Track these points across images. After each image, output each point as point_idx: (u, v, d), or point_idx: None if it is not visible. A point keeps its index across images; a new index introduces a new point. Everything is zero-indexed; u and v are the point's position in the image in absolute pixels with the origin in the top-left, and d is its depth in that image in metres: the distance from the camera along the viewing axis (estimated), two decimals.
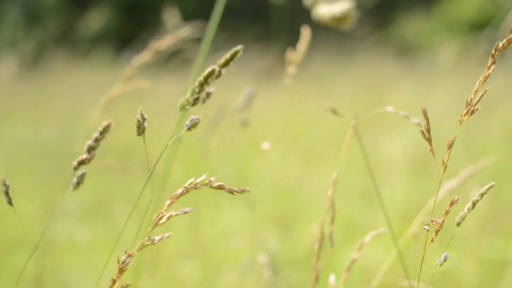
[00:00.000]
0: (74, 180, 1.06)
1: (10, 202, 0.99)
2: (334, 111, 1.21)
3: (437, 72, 5.18)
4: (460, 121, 0.96)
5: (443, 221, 0.96)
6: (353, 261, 1.17)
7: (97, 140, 1.03)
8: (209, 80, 0.95)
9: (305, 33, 1.43)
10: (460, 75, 4.69)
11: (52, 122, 5.06)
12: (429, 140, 0.97)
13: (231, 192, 0.95)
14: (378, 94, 5.18)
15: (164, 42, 1.57)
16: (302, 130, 4.52)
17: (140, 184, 3.21)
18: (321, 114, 4.77)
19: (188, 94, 0.95)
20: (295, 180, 3.27)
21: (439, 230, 0.97)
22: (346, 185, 3.07)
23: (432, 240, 0.97)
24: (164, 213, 0.94)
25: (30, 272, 2.53)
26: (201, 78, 0.95)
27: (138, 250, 0.93)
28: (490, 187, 0.97)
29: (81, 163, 1.03)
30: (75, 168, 1.04)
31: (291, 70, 1.48)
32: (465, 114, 0.95)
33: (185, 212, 0.93)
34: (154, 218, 0.94)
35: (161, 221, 0.94)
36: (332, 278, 1.16)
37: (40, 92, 6.05)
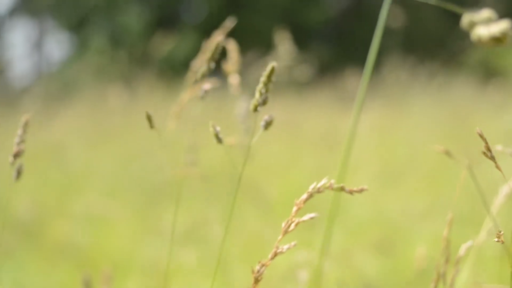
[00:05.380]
0: (14, 173, 1.15)
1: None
2: (448, 153, 1.25)
3: None
4: None
5: None
6: (453, 276, 1.19)
7: (21, 136, 1.15)
8: (272, 78, 0.98)
9: (231, 45, 1.50)
10: None
11: (144, 147, 5.16)
12: (492, 158, 0.98)
13: (351, 192, 0.97)
14: (462, 120, 5.16)
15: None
16: (390, 154, 4.54)
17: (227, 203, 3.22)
18: (408, 139, 4.78)
19: (257, 95, 0.99)
20: (389, 206, 3.29)
21: None
22: (444, 210, 3.08)
23: None
24: (293, 220, 0.95)
25: None
26: (263, 78, 0.99)
27: (271, 259, 0.96)
28: None
29: (16, 156, 1.15)
30: (13, 163, 1.14)
31: (233, 80, 1.50)
32: None
33: (311, 218, 0.94)
34: (283, 225, 0.96)
35: (290, 229, 0.96)
36: None
37: (132, 118, 6.17)
